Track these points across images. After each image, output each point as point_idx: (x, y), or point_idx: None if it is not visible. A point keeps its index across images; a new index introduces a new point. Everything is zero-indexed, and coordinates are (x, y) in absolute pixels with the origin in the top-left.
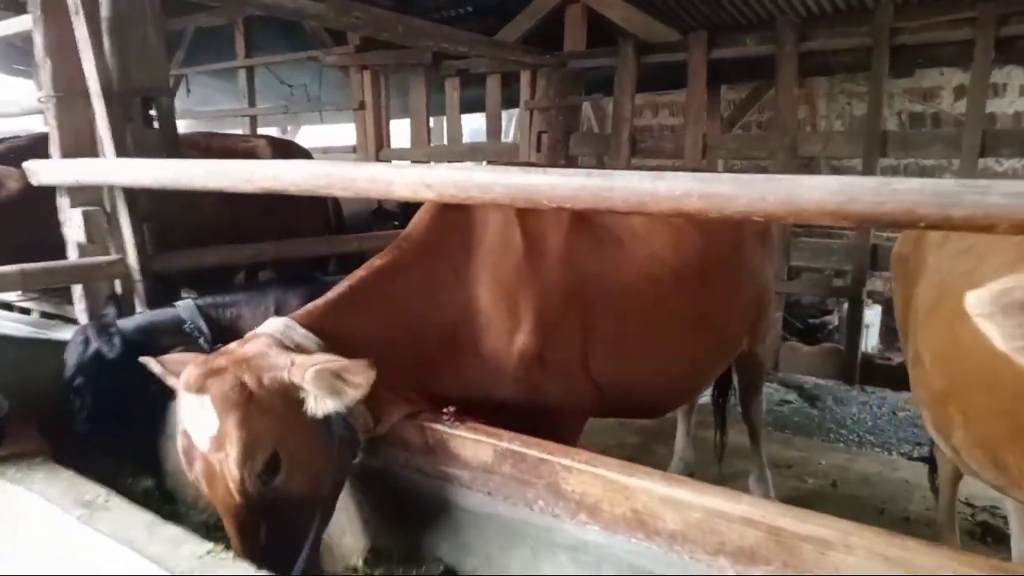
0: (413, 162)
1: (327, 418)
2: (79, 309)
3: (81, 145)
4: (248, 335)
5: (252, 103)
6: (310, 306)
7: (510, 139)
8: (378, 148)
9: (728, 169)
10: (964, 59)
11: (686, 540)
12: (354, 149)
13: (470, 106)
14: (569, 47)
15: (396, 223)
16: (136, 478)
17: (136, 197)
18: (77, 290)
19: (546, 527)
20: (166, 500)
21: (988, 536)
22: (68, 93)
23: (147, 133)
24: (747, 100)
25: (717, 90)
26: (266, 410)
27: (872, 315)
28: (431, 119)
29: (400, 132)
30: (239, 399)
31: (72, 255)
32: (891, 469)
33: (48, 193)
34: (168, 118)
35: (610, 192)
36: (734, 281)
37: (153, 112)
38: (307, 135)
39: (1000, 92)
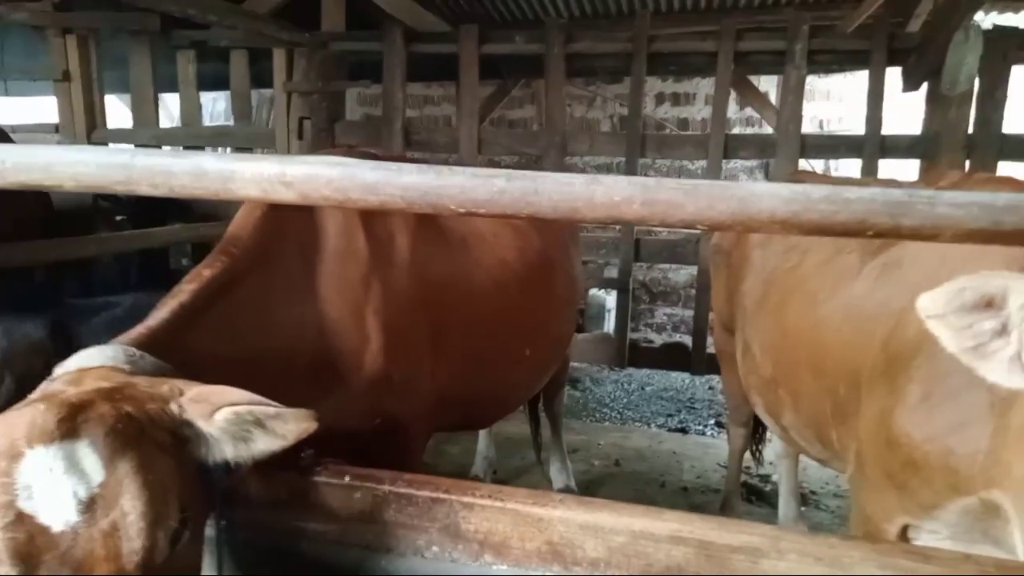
0: (137, 146)
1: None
2: None
3: None
4: (63, 372)
5: None
6: (139, 329)
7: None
8: (90, 128)
9: (493, 165)
10: (711, 68)
11: (609, 566)
12: (56, 129)
13: (206, 84)
14: (327, 27)
15: (122, 218)
16: None
17: None
18: None
19: (443, 574)
20: None
21: (752, 496)
22: None
23: None
24: (494, 96)
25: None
26: (163, 449)
27: (611, 300)
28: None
29: (111, 111)
30: (133, 437)
31: None
32: (658, 442)
33: None
34: None
35: (536, 197)
36: (566, 282)
37: None
38: None
39: (687, 101)
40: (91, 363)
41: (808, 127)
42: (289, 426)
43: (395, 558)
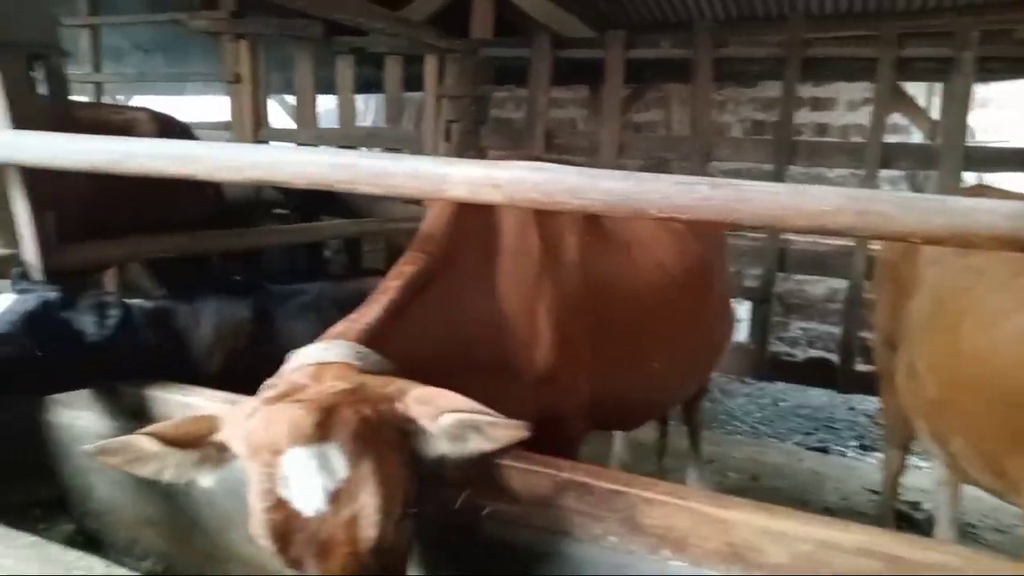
0: (299, 144)
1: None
2: None
3: None
4: (300, 362)
5: (97, 68)
6: (359, 324)
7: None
8: (256, 127)
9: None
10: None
11: (793, 572)
12: (227, 126)
13: (360, 87)
14: (476, 35)
15: (285, 212)
16: (50, 522)
17: (36, 180)
18: None
19: (620, 564)
20: (91, 546)
21: (901, 523)
22: None
23: (32, 99)
24: (627, 100)
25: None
26: (392, 446)
27: (743, 310)
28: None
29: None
30: (371, 439)
31: None
32: (796, 460)
33: None
34: (60, 82)
35: (741, 205)
36: (722, 289)
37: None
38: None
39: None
40: (326, 358)
41: None
42: (502, 433)
43: (572, 543)
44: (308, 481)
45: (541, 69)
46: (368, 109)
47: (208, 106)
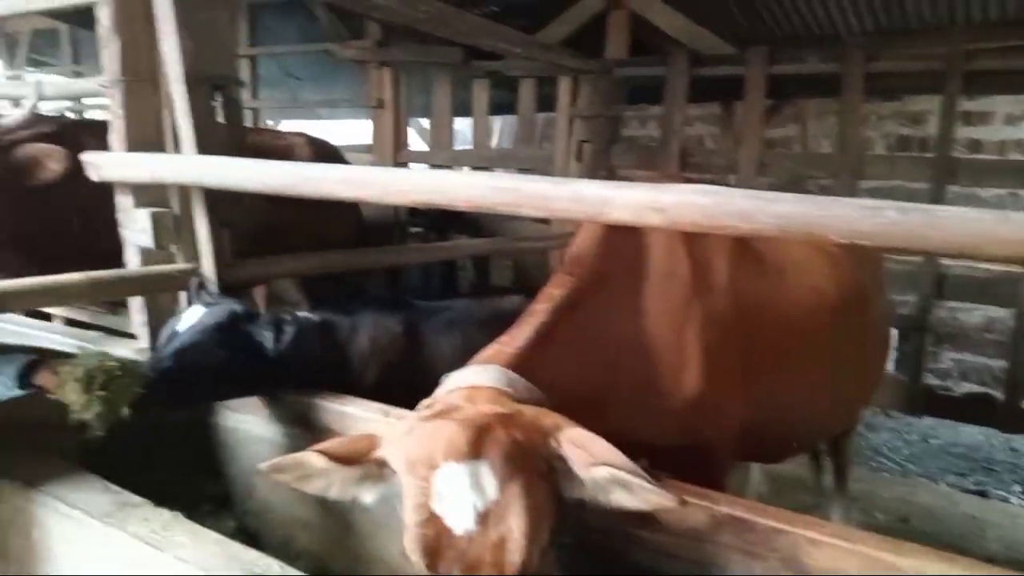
0: (433, 166)
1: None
2: (138, 322)
3: (147, 137)
4: (455, 384)
5: (255, 95)
6: (509, 348)
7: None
8: (396, 149)
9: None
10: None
11: None
12: (369, 149)
13: (494, 109)
14: (611, 54)
15: (420, 231)
16: (217, 516)
17: (216, 200)
18: (136, 300)
19: None
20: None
21: None
22: (137, 78)
23: (213, 126)
24: (764, 116)
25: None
26: (542, 477)
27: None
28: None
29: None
30: (521, 464)
31: (133, 261)
32: (951, 502)
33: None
34: (236, 110)
35: (933, 231)
36: (881, 317)
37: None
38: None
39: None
40: (479, 382)
41: None
42: (653, 499)
43: None
44: (460, 497)
45: (677, 87)
46: (494, 130)
47: (352, 129)
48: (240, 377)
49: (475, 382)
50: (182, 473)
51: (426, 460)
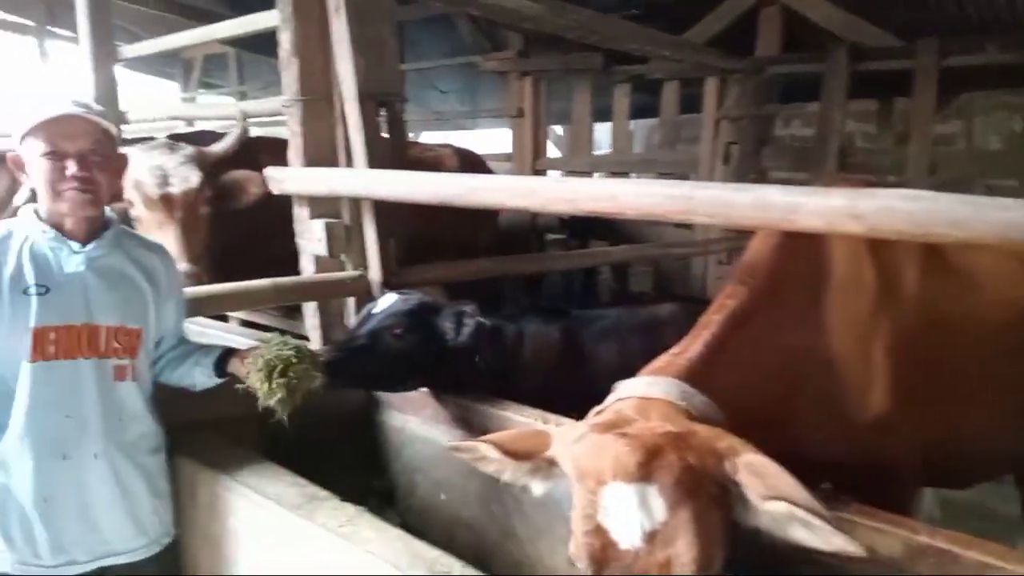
0: (566, 173)
1: None
2: (311, 325)
3: (323, 152)
4: (626, 393)
5: None
6: (681, 359)
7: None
8: (535, 157)
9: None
10: None
11: None
12: (508, 158)
13: (633, 113)
14: (762, 51)
15: (559, 237)
16: (382, 511)
17: (383, 210)
18: (311, 305)
19: None
20: None
21: None
22: (314, 97)
23: (380, 141)
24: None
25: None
26: (714, 502)
27: None
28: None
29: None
30: (693, 489)
31: (308, 269)
32: None
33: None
34: (400, 125)
35: None
36: None
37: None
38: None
39: None
40: (651, 393)
41: None
42: (836, 541)
43: None
44: (626, 516)
45: (836, 83)
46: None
47: (492, 139)
48: (419, 362)
49: (647, 393)
50: (349, 467)
51: (595, 474)
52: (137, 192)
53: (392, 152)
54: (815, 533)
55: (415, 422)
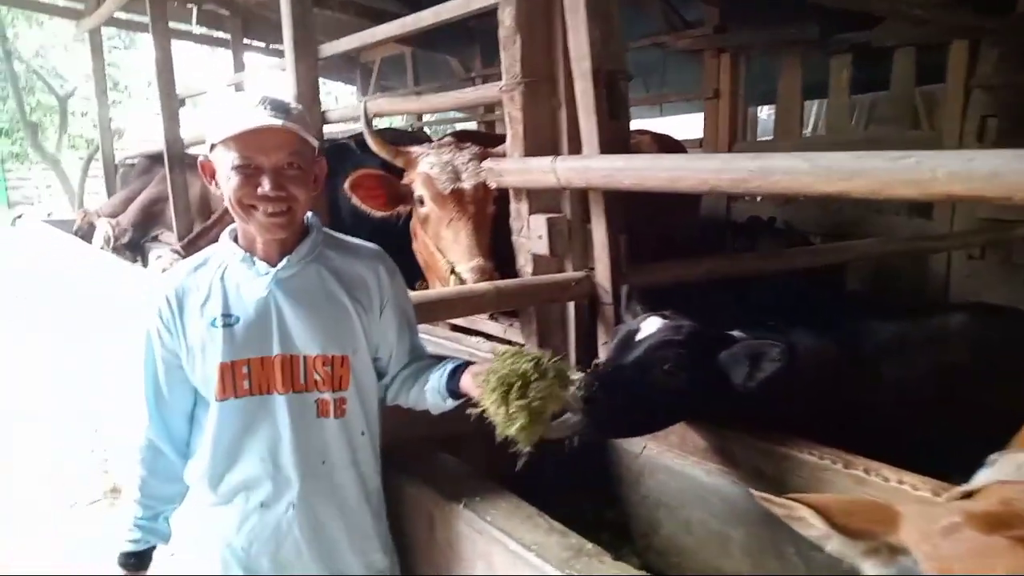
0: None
1: None
2: (528, 331)
3: (544, 140)
4: (1011, 467)
5: None
6: None
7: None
8: (731, 141)
9: None
10: None
11: None
12: (700, 144)
13: (857, 87)
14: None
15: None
16: (616, 547)
17: (613, 203)
18: (528, 309)
19: None
20: None
21: None
22: (535, 77)
23: (608, 124)
24: None
25: None
26: None
27: None
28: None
29: None
30: None
31: (525, 269)
32: None
33: None
34: (625, 105)
35: None
36: None
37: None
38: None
39: None
40: None
41: None
42: None
43: None
44: None
45: None
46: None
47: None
48: (686, 402)
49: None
50: (575, 492)
51: None
52: (427, 188)
53: (618, 137)
54: None
55: (656, 448)
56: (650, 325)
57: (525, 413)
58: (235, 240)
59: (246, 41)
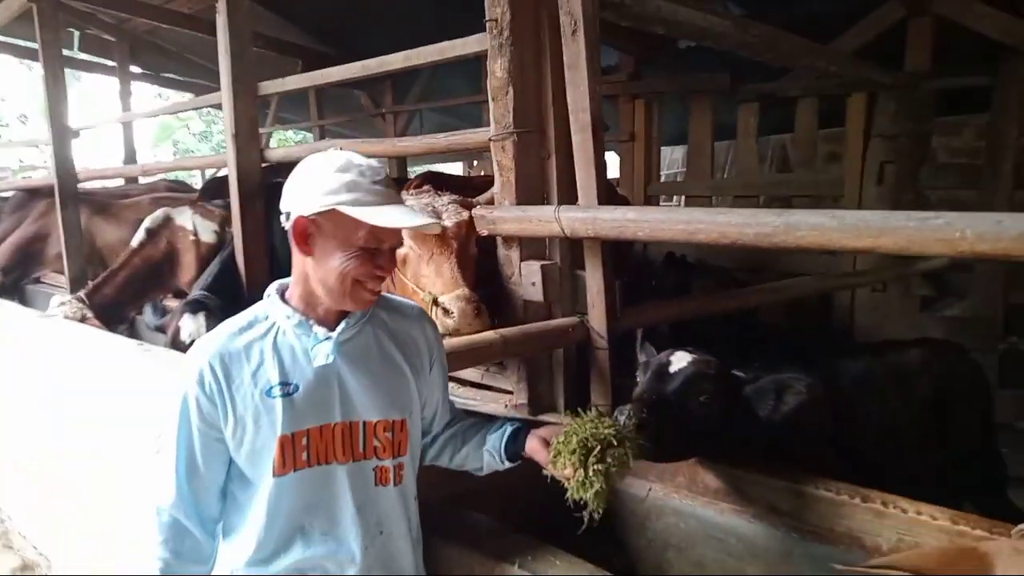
0: (688, 197)
1: None
2: (516, 378)
3: (535, 189)
4: None
5: None
6: None
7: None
8: (647, 182)
9: None
10: None
11: None
12: (617, 184)
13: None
14: (911, 65)
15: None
16: None
17: (609, 251)
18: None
19: None
20: None
21: None
22: (527, 128)
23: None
24: None
25: None
26: None
27: None
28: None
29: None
30: None
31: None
32: None
33: None
34: (603, 153)
35: None
36: None
37: None
38: None
39: None
40: None
41: None
42: None
43: None
44: None
45: (1009, 96)
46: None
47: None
48: (711, 432)
49: None
50: (583, 539)
51: None
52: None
53: (603, 185)
54: None
55: (662, 491)
56: (680, 359)
57: (603, 477)
58: (285, 300)
59: (133, 69)
